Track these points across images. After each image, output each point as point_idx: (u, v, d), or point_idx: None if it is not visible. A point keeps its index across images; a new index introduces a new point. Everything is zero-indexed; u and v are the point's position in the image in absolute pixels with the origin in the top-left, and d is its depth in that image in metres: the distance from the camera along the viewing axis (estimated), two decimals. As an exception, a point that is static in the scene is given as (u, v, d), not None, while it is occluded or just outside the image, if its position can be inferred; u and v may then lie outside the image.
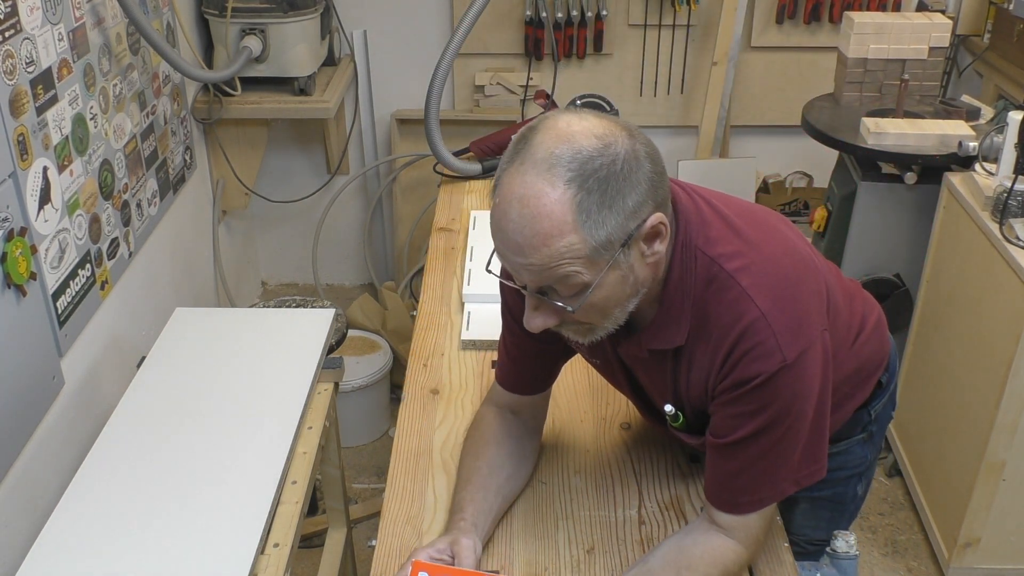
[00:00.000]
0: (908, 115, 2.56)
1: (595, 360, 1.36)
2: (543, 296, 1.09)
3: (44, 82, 1.82)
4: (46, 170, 1.82)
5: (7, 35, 1.68)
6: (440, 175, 2.51)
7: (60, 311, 1.86)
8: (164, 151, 2.54)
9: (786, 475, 1.18)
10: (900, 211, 2.53)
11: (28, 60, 1.76)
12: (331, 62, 3.14)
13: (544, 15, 3.10)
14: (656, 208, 1.05)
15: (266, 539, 1.36)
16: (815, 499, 1.50)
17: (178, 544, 1.31)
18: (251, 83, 2.90)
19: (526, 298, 1.11)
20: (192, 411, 1.59)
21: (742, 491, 1.19)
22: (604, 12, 3.11)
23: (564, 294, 1.07)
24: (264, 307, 2.34)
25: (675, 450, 1.49)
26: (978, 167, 2.31)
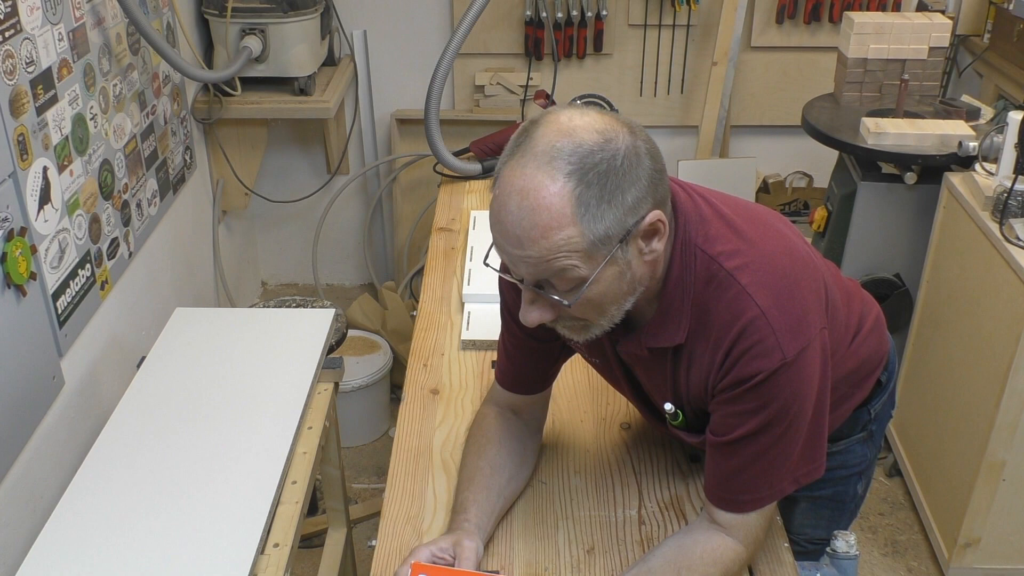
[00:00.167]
0: (908, 115, 2.56)
1: (594, 360, 1.36)
2: (540, 290, 1.09)
3: (44, 82, 1.82)
4: (46, 170, 1.82)
5: (7, 35, 1.68)
6: (440, 175, 2.51)
7: (60, 311, 1.86)
8: (164, 151, 2.54)
9: (785, 473, 1.18)
10: (900, 211, 2.53)
11: (28, 60, 1.76)
12: (331, 62, 3.14)
13: (544, 15, 3.10)
14: (655, 205, 1.05)
15: (266, 539, 1.36)
16: (815, 498, 1.50)
17: (178, 544, 1.31)
18: (251, 83, 2.90)
19: (523, 292, 1.11)
20: (192, 411, 1.59)
21: (742, 489, 1.19)
22: (604, 12, 3.12)
23: (561, 288, 1.07)
24: (264, 307, 2.34)
25: (675, 450, 1.49)
26: (978, 167, 2.31)
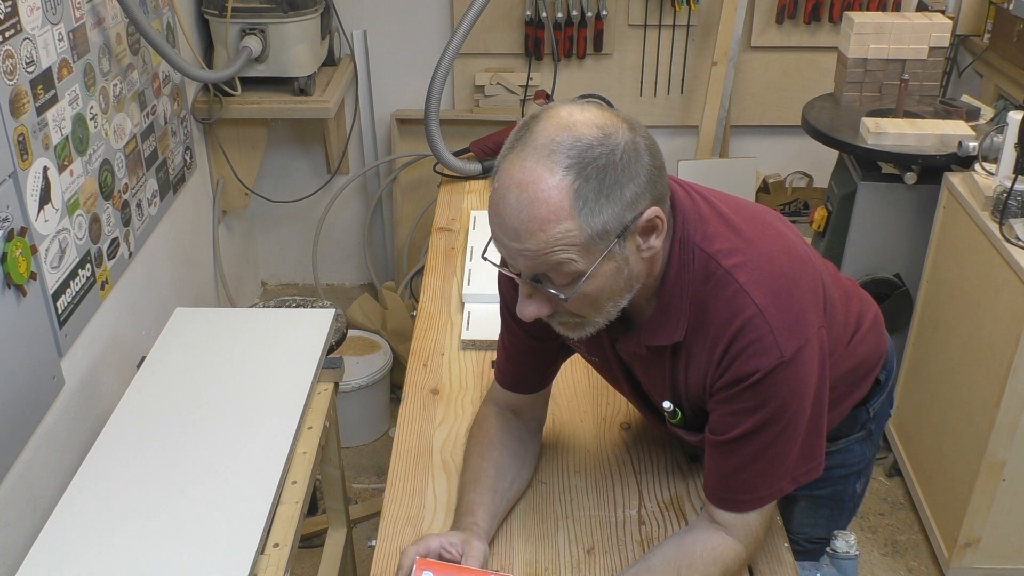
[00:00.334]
0: (908, 115, 2.56)
1: (594, 359, 1.36)
2: (537, 284, 1.09)
3: (44, 82, 1.82)
4: (46, 170, 1.82)
5: (7, 35, 1.68)
6: (440, 175, 2.51)
7: (60, 311, 1.86)
8: (164, 151, 2.54)
9: (785, 472, 1.18)
10: (900, 211, 2.53)
11: (28, 60, 1.76)
12: (331, 62, 3.14)
13: (544, 15, 3.10)
14: (654, 202, 1.05)
15: (266, 539, 1.36)
16: (814, 497, 1.50)
17: (178, 544, 1.31)
18: (251, 83, 2.90)
19: (520, 286, 1.11)
20: (192, 411, 1.59)
21: (741, 488, 1.19)
22: (604, 12, 3.12)
23: (558, 282, 1.07)
24: (264, 307, 2.34)
25: (675, 450, 1.49)
26: (978, 167, 2.31)
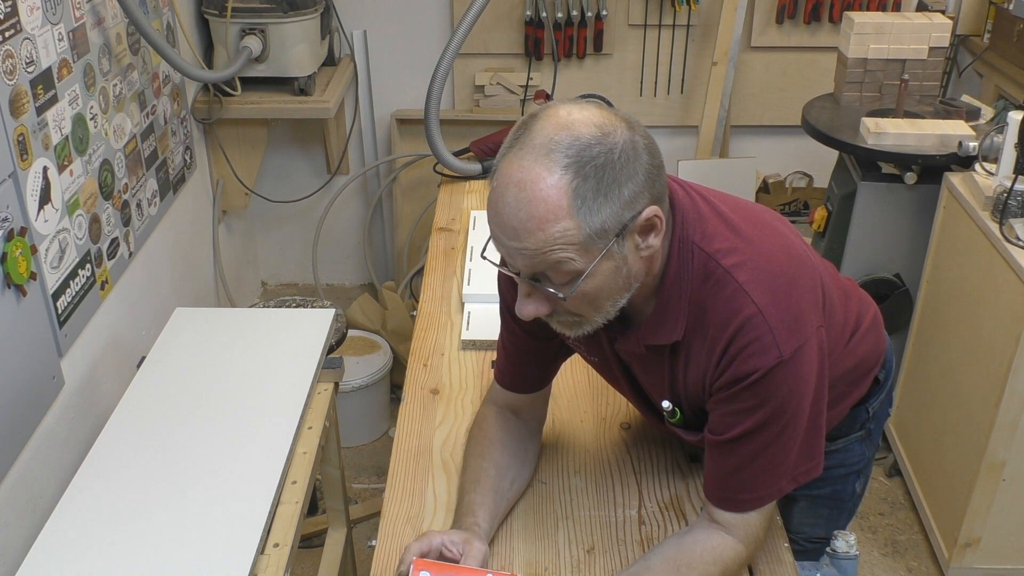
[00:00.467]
0: (908, 115, 2.56)
1: (593, 358, 1.36)
2: (536, 283, 1.09)
3: (44, 82, 1.82)
4: (46, 170, 1.82)
5: (7, 35, 1.68)
6: (440, 175, 2.51)
7: (60, 311, 1.86)
8: (164, 151, 2.54)
9: (784, 472, 1.18)
10: (900, 211, 2.53)
11: (28, 60, 1.76)
12: (331, 62, 3.14)
13: (544, 15, 3.10)
14: (652, 201, 1.05)
15: (266, 539, 1.36)
16: (814, 497, 1.50)
17: (178, 544, 1.31)
18: (251, 83, 2.90)
19: (519, 285, 1.11)
20: (192, 411, 1.59)
21: (741, 488, 1.19)
22: (604, 12, 3.12)
23: (557, 281, 1.07)
24: (264, 307, 2.34)
25: (675, 450, 1.49)
26: (978, 167, 2.31)
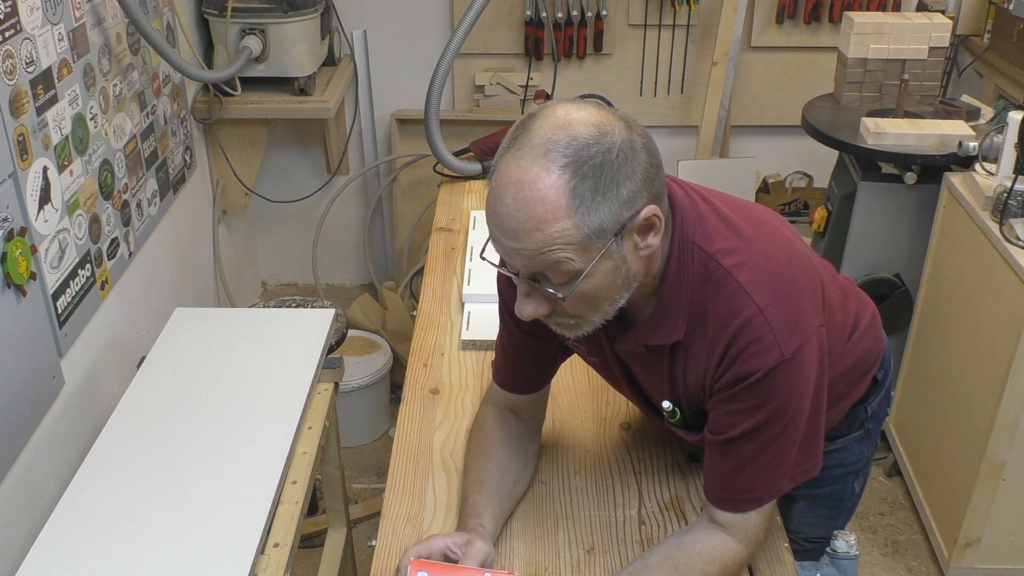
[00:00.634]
0: (908, 115, 2.56)
1: (593, 359, 1.36)
2: (535, 283, 1.09)
3: (44, 82, 1.82)
4: (46, 170, 1.82)
5: (7, 35, 1.68)
6: (440, 175, 2.51)
7: (60, 311, 1.86)
8: (164, 151, 2.54)
9: (784, 472, 1.18)
10: (900, 211, 2.53)
11: (28, 60, 1.76)
12: (331, 62, 3.14)
13: (544, 15, 3.10)
14: (651, 200, 1.05)
15: (266, 539, 1.36)
16: (813, 497, 1.50)
17: (178, 544, 1.31)
18: (251, 83, 2.90)
19: (518, 285, 1.11)
20: (192, 411, 1.59)
21: (740, 488, 1.19)
22: (604, 12, 3.12)
23: (556, 281, 1.07)
24: (264, 307, 2.34)
25: (675, 450, 1.49)
26: (978, 167, 2.31)
